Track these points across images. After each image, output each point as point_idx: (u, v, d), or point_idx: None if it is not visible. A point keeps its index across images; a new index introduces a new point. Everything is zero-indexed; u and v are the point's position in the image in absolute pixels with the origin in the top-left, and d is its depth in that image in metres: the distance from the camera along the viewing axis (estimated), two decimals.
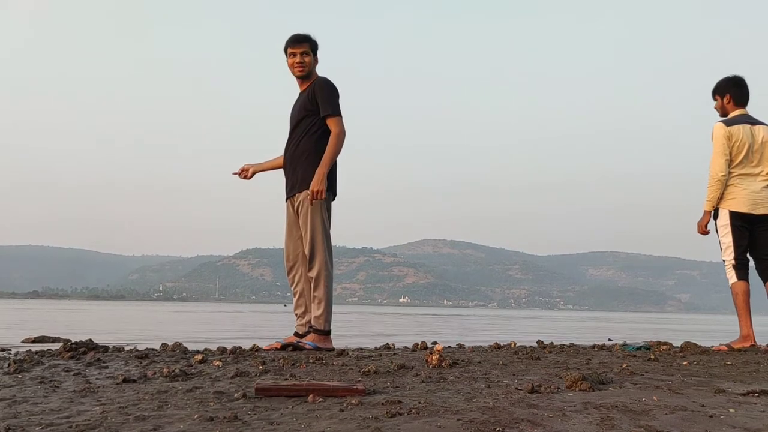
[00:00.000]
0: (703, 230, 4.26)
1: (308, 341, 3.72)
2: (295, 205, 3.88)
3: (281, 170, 4.16)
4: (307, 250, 3.81)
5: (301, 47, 3.88)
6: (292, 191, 3.91)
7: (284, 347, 3.68)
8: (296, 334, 3.88)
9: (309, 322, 3.86)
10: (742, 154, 4.12)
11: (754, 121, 4.21)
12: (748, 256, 4.17)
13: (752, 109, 4.31)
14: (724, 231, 4.16)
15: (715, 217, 4.24)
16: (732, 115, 4.25)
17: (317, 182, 3.69)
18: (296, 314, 3.96)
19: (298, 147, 3.87)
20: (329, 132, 3.80)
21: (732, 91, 4.29)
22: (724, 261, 4.17)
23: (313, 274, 3.80)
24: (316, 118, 3.82)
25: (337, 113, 3.79)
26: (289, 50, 3.91)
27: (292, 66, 3.92)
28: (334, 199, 3.94)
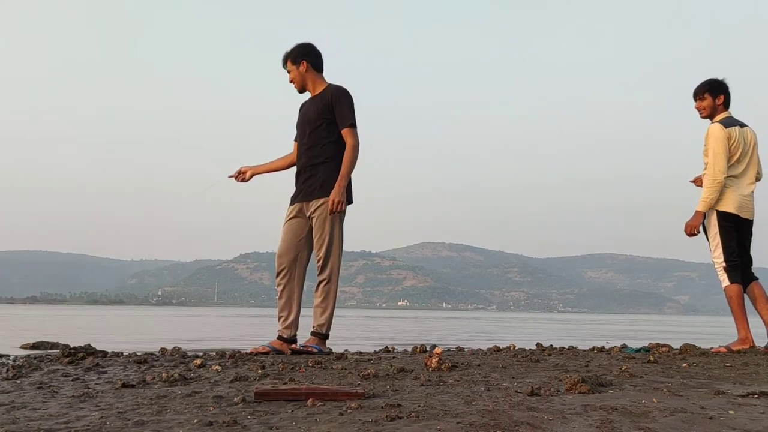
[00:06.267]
0: (693, 232, 4.17)
1: (313, 344, 3.72)
2: (310, 210, 3.84)
3: (281, 172, 4.13)
4: (321, 255, 3.81)
5: (286, 67, 4.01)
6: (310, 196, 3.85)
7: (277, 351, 3.68)
8: (281, 338, 3.84)
9: (292, 325, 3.84)
10: (736, 156, 4.09)
11: (741, 124, 4.19)
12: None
13: (754, 109, 4.27)
14: (712, 231, 4.14)
15: (703, 217, 4.21)
16: (722, 116, 4.20)
17: (337, 193, 3.72)
18: (281, 316, 3.88)
19: (317, 153, 3.85)
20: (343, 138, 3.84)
21: (726, 93, 4.26)
22: (714, 262, 4.15)
23: (324, 280, 3.82)
24: (334, 126, 3.84)
25: (354, 124, 3.84)
26: None
27: None
28: (351, 202, 3.94)
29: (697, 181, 4.34)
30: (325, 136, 3.84)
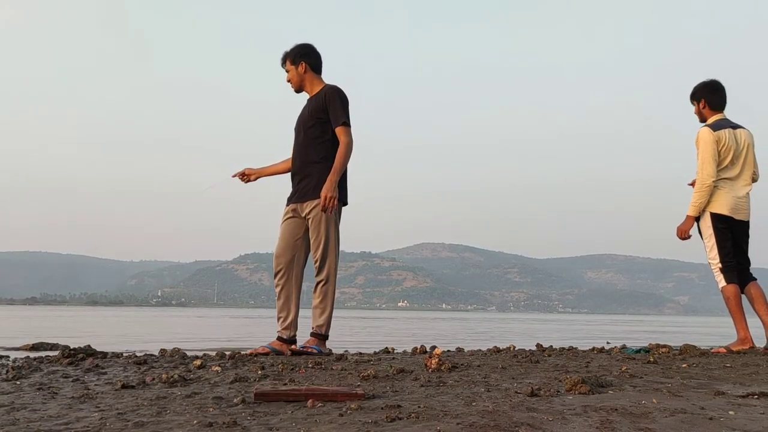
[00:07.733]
0: (684, 236, 4.20)
1: (312, 345, 3.73)
2: (306, 211, 3.84)
3: (283, 175, 4.14)
4: (318, 256, 3.81)
5: (284, 67, 4.04)
6: (304, 197, 3.85)
7: (277, 352, 3.68)
8: (280, 339, 3.83)
9: (291, 326, 3.84)
10: (728, 159, 4.10)
11: (734, 125, 4.19)
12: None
13: (755, 109, 4.27)
14: (707, 233, 4.15)
15: (698, 219, 4.21)
16: (713, 119, 4.21)
17: (329, 189, 3.69)
18: (280, 317, 3.88)
19: (311, 153, 3.85)
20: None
21: (707, 97, 4.25)
22: (710, 263, 4.16)
23: (321, 281, 3.81)
24: (328, 126, 3.83)
25: (347, 123, 3.82)
26: None
27: None
28: (346, 204, 3.94)
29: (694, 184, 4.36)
30: (319, 136, 3.84)
